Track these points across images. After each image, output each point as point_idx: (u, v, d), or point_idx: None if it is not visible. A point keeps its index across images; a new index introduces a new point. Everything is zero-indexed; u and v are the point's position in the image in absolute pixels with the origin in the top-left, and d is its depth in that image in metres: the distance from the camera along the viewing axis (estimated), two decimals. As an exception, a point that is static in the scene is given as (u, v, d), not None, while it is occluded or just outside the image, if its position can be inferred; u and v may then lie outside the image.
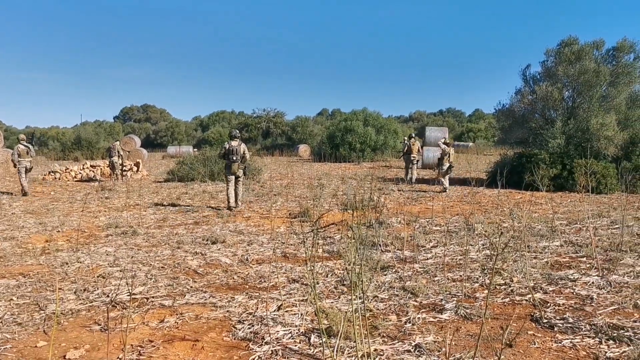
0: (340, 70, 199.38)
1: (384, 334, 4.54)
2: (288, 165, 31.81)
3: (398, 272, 6.57)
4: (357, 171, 25.89)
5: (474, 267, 6.76)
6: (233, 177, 12.46)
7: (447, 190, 15.89)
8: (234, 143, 12.38)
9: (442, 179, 16.31)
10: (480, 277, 6.29)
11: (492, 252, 7.43)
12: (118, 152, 21.41)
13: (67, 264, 7.07)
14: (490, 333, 4.52)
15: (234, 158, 12.30)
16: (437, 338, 4.45)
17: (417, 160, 20.17)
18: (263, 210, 12.26)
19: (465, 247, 7.69)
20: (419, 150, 20.18)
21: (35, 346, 4.37)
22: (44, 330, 4.72)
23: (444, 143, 16.87)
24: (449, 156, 16.43)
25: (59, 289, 5.89)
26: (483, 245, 7.96)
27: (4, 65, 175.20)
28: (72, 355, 4.15)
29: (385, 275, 6.41)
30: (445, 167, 16.39)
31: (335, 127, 39.65)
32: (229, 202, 12.45)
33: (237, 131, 12.86)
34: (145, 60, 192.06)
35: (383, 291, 5.76)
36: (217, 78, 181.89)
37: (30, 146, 17.07)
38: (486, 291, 5.72)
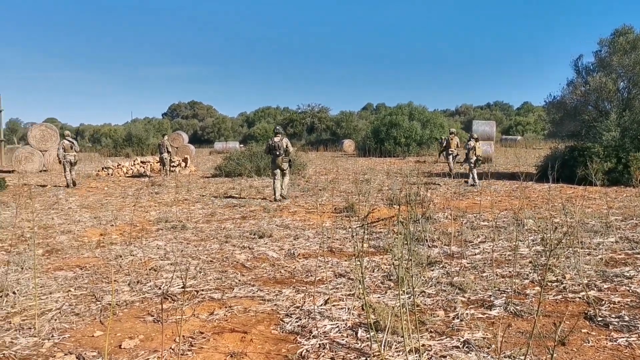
0: (385, 65, 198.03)
1: (432, 330, 4.51)
2: (332, 160, 31.86)
3: (445, 267, 6.50)
4: (403, 166, 25.71)
5: (523, 263, 6.63)
6: (278, 170, 13.17)
7: (477, 185, 15.85)
8: (277, 139, 13.14)
9: (470, 174, 16.37)
10: (530, 273, 6.17)
11: (544, 248, 7.27)
12: (167, 148, 21.91)
13: (120, 257, 7.30)
14: (542, 331, 4.42)
15: (277, 153, 13.06)
16: (487, 334, 4.39)
17: (457, 155, 20.19)
18: (308, 205, 12.33)
19: (514, 243, 7.54)
20: (457, 145, 20.25)
21: (92, 336, 4.54)
22: (100, 321, 4.89)
23: (471, 137, 17.05)
24: (474, 150, 16.45)
25: (114, 281, 6.09)
26: (533, 241, 7.79)
27: (60, 65, 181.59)
28: (127, 345, 4.29)
29: (432, 270, 6.36)
30: (472, 161, 16.46)
31: (380, 121, 39.46)
32: (275, 194, 13.20)
33: (280, 127, 13.69)
34: (193, 58, 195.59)
35: (430, 286, 5.72)
36: (263, 74, 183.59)
37: (75, 141, 18.07)
38: (537, 288, 5.61)
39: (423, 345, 4.16)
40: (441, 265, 6.59)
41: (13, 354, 4.16)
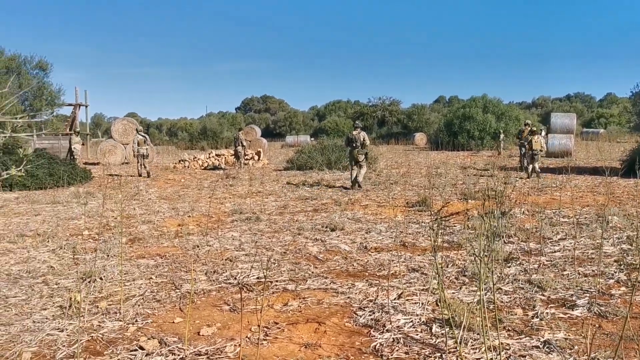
0: (458, 57, 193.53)
1: (509, 328, 4.38)
2: (404, 153, 31.54)
3: (523, 264, 6.30)
4: (477, 160, 25.09)
5: (608, 262, 6.31)
6: (356, 162, 14.09)
7: (531, 176, 16.02)
8: (355, 132, 14.12)
9: (529, 167, 16.45)
10: (616, 273, 5.86)
11: (631, 247, 6.89)
12: (242, 141, 22.42)
13: (197, 247, 7.54)
14: (632, 333, 4.20)
15: (355, 145, 14.02)
16: (569, 335, 4.21)
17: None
18: (380, 198, 12.27)
19: (598, 241, 7.19)
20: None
21: (173, 322, 4.71)
22: (179, 308, 5.07)
23: (530, 132, 17.32)
24: (531, 143, 16.56)
25: (192, 270, 6.29)
26: (619, 239, 7.40)
27: (140, 62, 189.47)
28: (205, 332, 4.43)
29: (509, 267, 6.17)
30: (532, 153, 16.57)
31: (453, 114, 38.68)
32: (352, 184, 14.13)
33: (359, 122, 14.93)
34: (265, 53, 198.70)
35: (507, 284, 5.56)
36: (334, 68, 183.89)
37: (147, 136, 19.48)
38: (623, 288, 5.33)
39: (501, 343, 4.04)
40: (518, 262, 6.38)
41: (101, 337, 4.39)
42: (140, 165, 18.93)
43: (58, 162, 17.20)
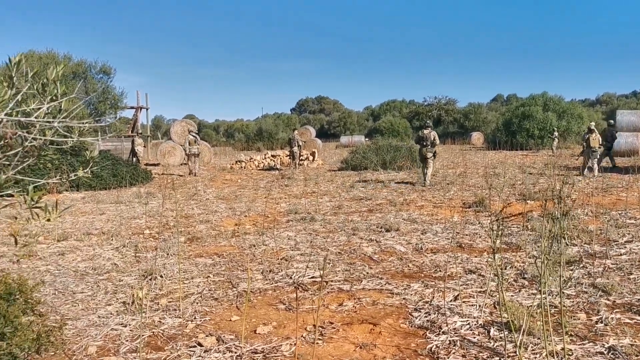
0: (516, 54, 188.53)
1: (572, 333, 4.24)
2: (460, 153, 30.99)
3: (586, 267, 6.07)
4: (536, 159, 24.37)
5: (679, 266, 6.00)
6: (424, 159, 14.80)
7: (587, 176, 15.81)
8: (425, 131, 14.81)
9: (590, 166, 16.30)
10: (687, 277, 5.57)
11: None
12: (297, 142, 22.62)
13: (254, 246, 7.66)
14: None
15: (424, 143, 14.69)
16: (635, 341, 4.04)
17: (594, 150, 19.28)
18: (436, 199, 12.11)
19: (667, 244, 6.85)
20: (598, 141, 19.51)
21: (230, 320, 4.81)
22: (236, 306, 5.16)
23: (588, 130, 17.22)
24: (588, 141, 16.50)
25: (249, 268, 6.40)
26: (690, 242, 7.03)
27: (197, 64, 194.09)
28: (261, 331, 4.49)
29: (571, 270, 5.97)
30: (595, 152, 16.51)
31: (511, 112, 37.71)
32: (423, 179, 14.88)
33: (429, 122, 15.68)
34: (319, 54, 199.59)
35: (569, 287, 5.37)
36: (388, 67, 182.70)
37: (197, 136, 20.66)
38: (695, 294, 5.06)
39: (562, 349, 3.91)
40: (581, 265, 6.16)
41: (161, 333, 4.52)
42: (192, 162, 20.17)
43: (121, 164, 17.86)
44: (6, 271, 3.62)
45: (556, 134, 29.30)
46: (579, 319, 4.53)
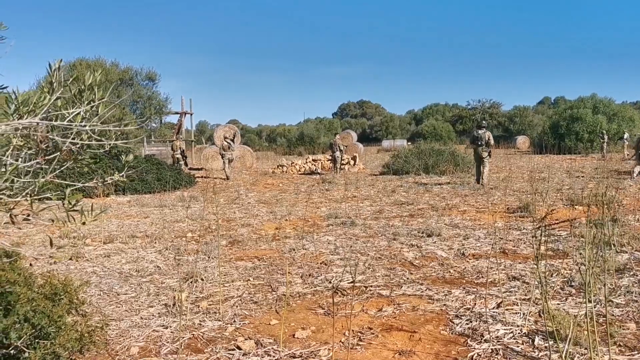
0: (564, 55, 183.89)
1: (620, 343, 4.07)
2: (505, 157, 30.37)
3: (637, 275, 5.84)
4: (585, 163, 23.67)
5: None
6: (480, 159, 15.10)
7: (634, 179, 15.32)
8: (480, 131, 15.16)
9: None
10: None
11: None
12: (339, 146, 22.64)
13: (294, 250, 7.67)
14: None
15: (479, 143, 15.02)
16: (690, 355, 3.85)
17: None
18: (479, 204, 11.90)
19: None
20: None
21: (269, 324, 4.82)
22: (276, 310, 5.17)
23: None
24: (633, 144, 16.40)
25: (288, 272, 6.41)
26: None
27: (241, 69, 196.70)
28: (300, 335, 4.48)
29: (620, 278, 5.75)
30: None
31: (559, 115, 36.80)
32: (477, 182, 15.27)
33: (485, 122, 15.74)
34: (361, 58, 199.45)
35: (619, 296, 5.17)
36: (431, 71, 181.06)
37: (232, 142, 21.37)
38: None
39: (610, 359, 3.77)
40: (632, 273, 5.93)
41: (201, 335, 4.57)
42: (227, 167, 20.94)
43: (165, 168, 18.22)
44: (53, 272, 3.72)
45: (606, 137, 28.42)
46: (629, 329, 4.35)
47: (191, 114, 32.89)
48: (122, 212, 12.09)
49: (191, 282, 6.08)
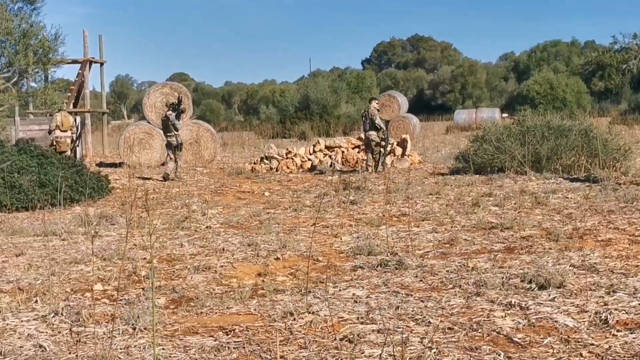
0: None
1: None
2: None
3: None
4: None
5: None
6: None
7: None
8: None
9: None
10: None
11: None
12: (376, 121, 22.49)
13: (291, 314, 7.66)
14: None
15: None
16: None
17: None
18: (635, 227, 11.84)
19: None
20: None
21: None
22: None
23: None
24: None
25: (281, 357, 6.39)
26: None
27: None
28: None
29: None
30: None
31: None
32: None
33: None
34: None
35: None
36: None
37: (177, 115, 21.87)
38: None
39: None
40: None
41: None
42: (170, 161, 21.60)
43: (54, 163, 18.17)
44: None
45: None
46: None
47: (101, 64, 32.98)
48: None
49: (101, 375, 6.09)
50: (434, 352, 6.45)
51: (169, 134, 21.60)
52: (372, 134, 22.47)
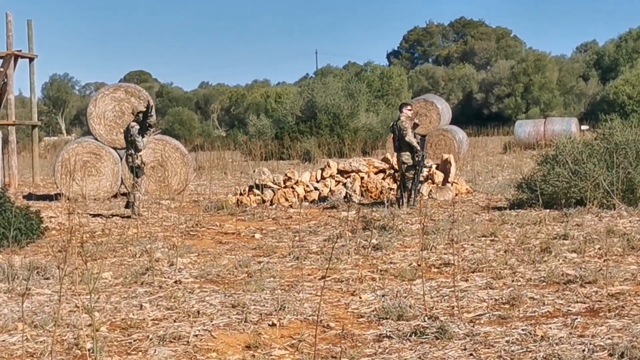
0: None
1: None
2: None
3: None
4: None
5: None
6: None
7: None
8: None
9: None
10: None
11: None
12: (406, 132, 22.47)
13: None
14: None
15: None
16: None
17: None
18: None
19: None
20: None
21: None
22: None
23: None
24: None
25: None
26: None
27: None
28: None
29: None
30: None
31: None
32: None
33: None
34: None
35: None
36: None
37: (145, 127, 21.91)
38: None
39: None
40: None
41: None
42: (134, 186, 21.90)
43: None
44: None
45: None
46: None
47: (31, 59, 33.10)
48: None
49: None
50: None
51: (128, 153, 21.65)
52: (405, 156, 22.37)
